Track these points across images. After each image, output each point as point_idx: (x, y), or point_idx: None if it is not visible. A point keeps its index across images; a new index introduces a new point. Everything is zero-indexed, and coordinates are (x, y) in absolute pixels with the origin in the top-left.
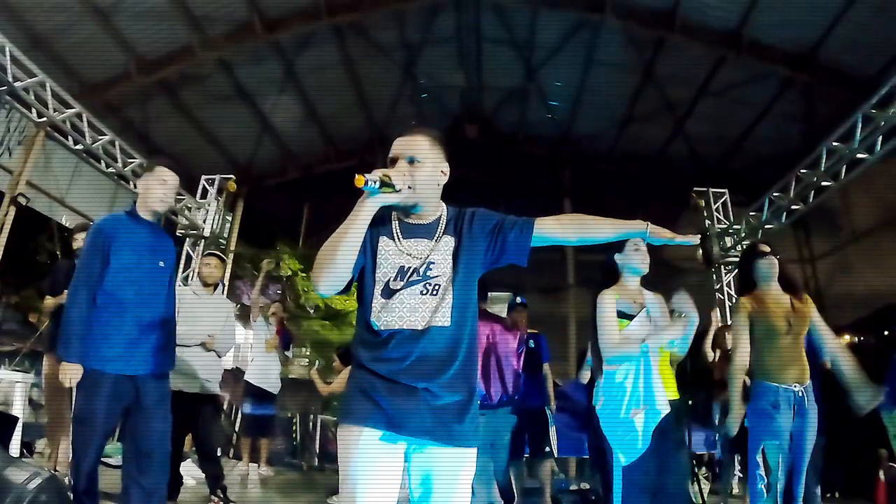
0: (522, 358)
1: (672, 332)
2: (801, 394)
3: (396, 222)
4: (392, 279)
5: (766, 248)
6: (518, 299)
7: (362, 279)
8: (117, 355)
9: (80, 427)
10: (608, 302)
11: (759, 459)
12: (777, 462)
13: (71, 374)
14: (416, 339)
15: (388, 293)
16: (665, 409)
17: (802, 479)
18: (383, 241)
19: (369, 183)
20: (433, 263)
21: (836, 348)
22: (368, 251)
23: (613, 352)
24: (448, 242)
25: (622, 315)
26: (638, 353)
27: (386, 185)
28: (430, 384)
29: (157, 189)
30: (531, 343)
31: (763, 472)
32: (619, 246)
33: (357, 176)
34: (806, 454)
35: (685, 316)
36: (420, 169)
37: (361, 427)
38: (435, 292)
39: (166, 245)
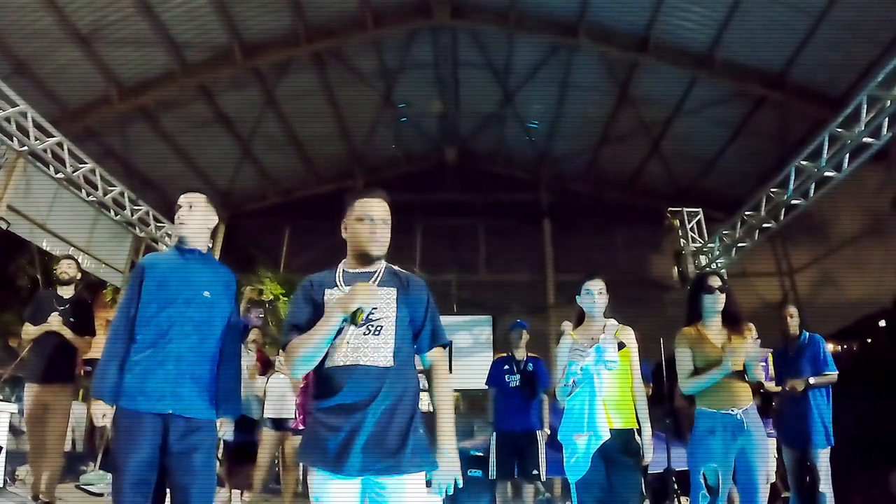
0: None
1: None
2: (739, 417)
3: (340, 273)
4: None
5: (716, 283)
6: (518, 321)
7: None
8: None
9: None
10: (562, 344)
11: (701, 480)
12: (717, 483)
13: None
14: (358, 374)
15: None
16: (605, 436)
17: (758, 495)
18: (328, 294)
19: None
20: (375, 308)
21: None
22: (319, 306)
23: (559, 388)
24: (391, 292)
25: (575, 352)
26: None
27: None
28: (368, 415)
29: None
30: (529, 366)
31: (707, 492)
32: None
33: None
34: (756, 472)
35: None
36: (387, 228)
37: (313, 468)
38: (377, 332)
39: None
